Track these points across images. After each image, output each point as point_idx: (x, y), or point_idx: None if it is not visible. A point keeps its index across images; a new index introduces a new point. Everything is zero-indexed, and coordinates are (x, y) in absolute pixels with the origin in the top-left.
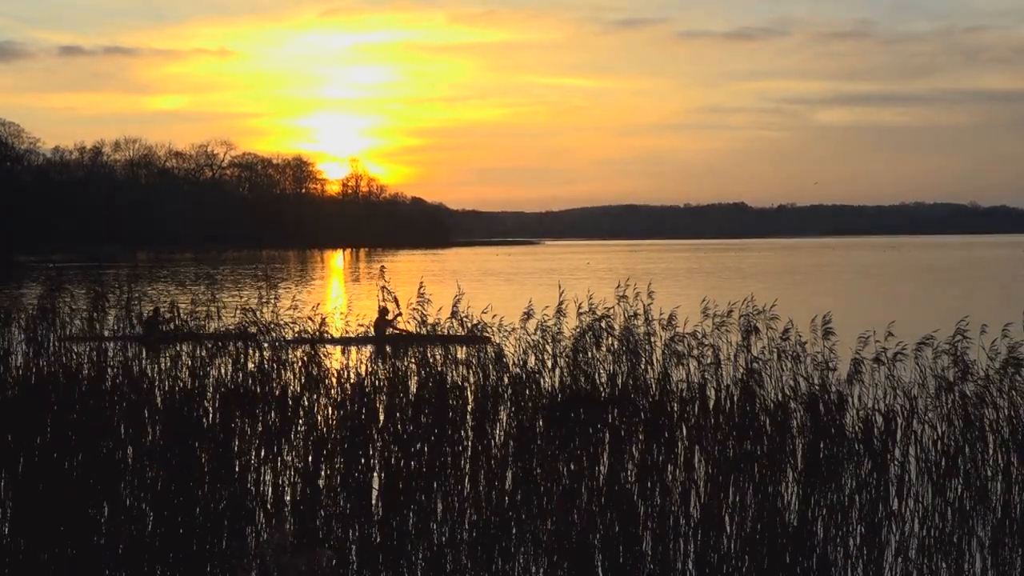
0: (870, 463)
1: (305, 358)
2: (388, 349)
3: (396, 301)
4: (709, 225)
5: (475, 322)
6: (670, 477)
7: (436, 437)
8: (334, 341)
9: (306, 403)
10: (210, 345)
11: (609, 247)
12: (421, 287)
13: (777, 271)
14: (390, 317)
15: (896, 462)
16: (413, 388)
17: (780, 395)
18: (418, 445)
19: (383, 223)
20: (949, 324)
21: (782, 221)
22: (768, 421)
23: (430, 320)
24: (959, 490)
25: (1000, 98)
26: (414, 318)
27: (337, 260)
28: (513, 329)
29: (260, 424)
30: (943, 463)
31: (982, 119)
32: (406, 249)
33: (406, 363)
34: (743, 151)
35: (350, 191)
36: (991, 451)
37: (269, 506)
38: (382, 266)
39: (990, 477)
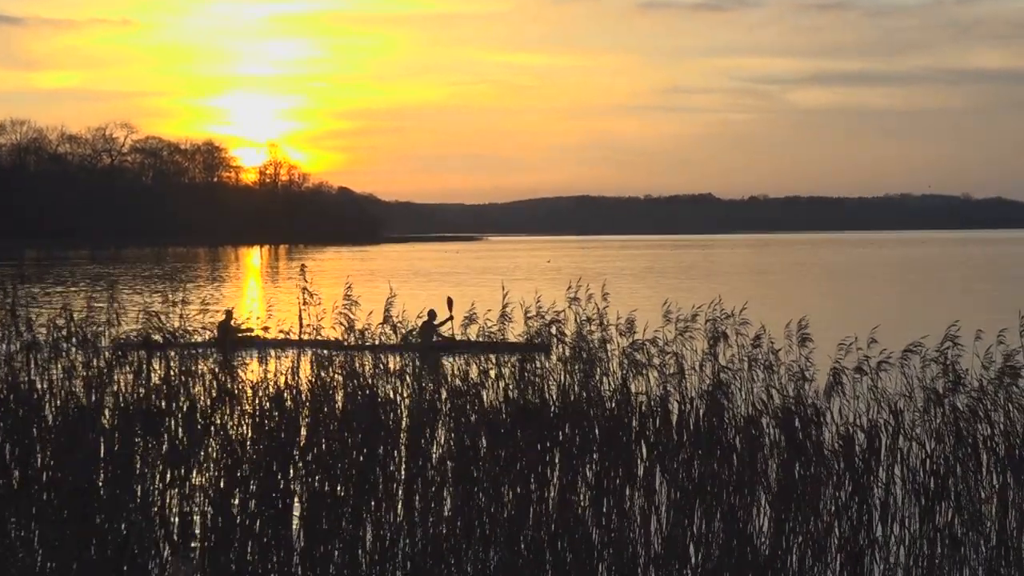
0: (851, 485)
1: (216, 368)
2: (434, 358)
3: (449, 303)
4: (672, 219)
5: (535, 328)
6: (628, 502)
7: (365, 457)
8: (372, 348)
9: (218, 419)
10: (108, 354)
11: (560, 243)
12: (348, 288)
13: (748, 270)
14: (438, 321)
15: (880, 484)
16: (340, 402)
17: (751, 409)
18: (345, 467)
19: (305, 217)
20: (939, 329)
21: (754, 214)
22: (738, 438)
23: (358, 325)
24: (950, 515)
25: (996, 78)
26: (459, 326)
27: (253, 258)
28: (453, 335)
29: (165, 443)
30: (932, 485)
31: (976, 101)
32: (332, 246)
33: (332, 374)
34: (710, 136)
35: (268, 181)
36: (985, 471)
37: (175, 536)
38: (303, 265)
39: (984, 500)
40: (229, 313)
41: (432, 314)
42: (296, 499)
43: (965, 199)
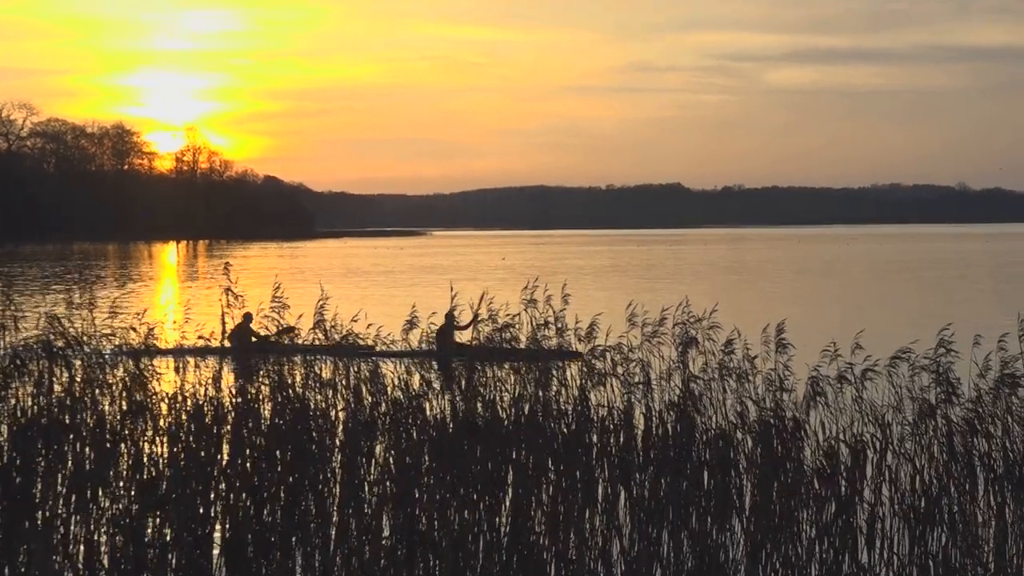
0: (834, 506)
1: (128, 379)
2: (455, 365)
3: (477, 304)
4: (637, 212)
5: (563, 335)
6: (588, 526)
7: (296, 478)
8: (384, 355)
9: (129, 436)
10: (4, 363)
11: (514, 239)
12: (276, 289)
13: (721, 268)
14: (461, 324)
15: (866, 505)
16: (267, 416)
17: (724, 423)
18: (273, 489)
19: (228, 209)
20: (931, 334)
21: (727, 207)
22: (709, 455)
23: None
24: (943, 540)
25: (997, 56)
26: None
27: (170, 255)
28: (393, 341)
29: (70, 463)
30: (923, 506)
31: (975, 82)
32: (257, 241)
33: (258, 385)
34: (679, 120)
35: (185, 169)
36: (982, 491)
37: (80, 567)
38: (227, 263)
39: (981, 523)
40: (248, 316)
41: (450, 318)
42: (218, 525)
43: (961, 190)
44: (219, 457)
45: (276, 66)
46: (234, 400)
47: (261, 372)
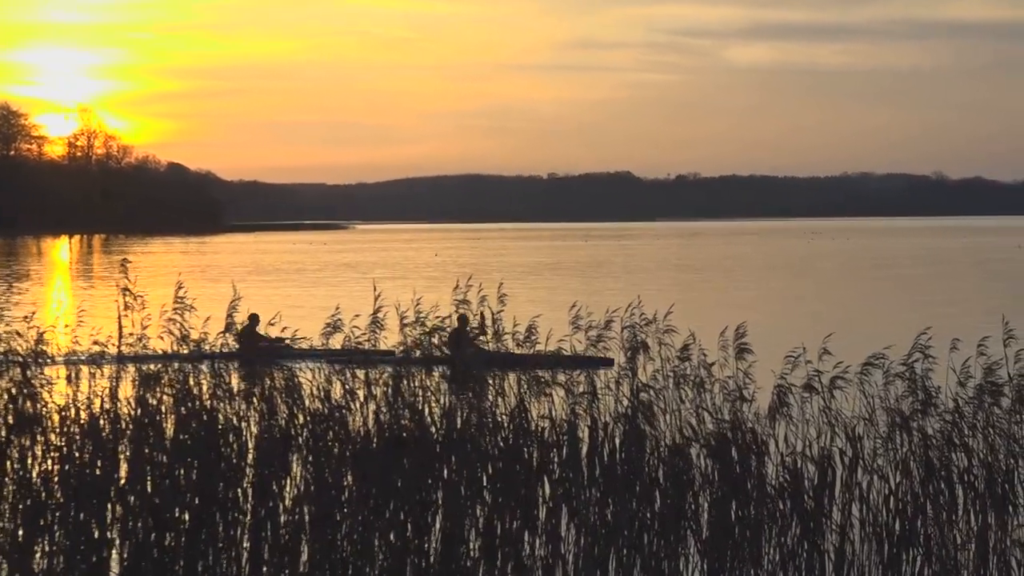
0: (799, 528)
1: (13, 389)
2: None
3: (488, 315)
4: (583, 203)
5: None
6: (528, 550)
7: (202, 499)
8: (401, 361)
9: (15, 452)
10: None
11: (445, 233)
12: (180, 289)
13: (674, 266)
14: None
15: (834, 527)
16: (170, 430)
17: (678, 436)
18: (176, 511)
19: (127, 200)
20: (906, 339)
21: (682, 198)
22: (661, 472)
23: (193, 335)
24: (918, 564)
25: (975, 32)
26: (494, 335)
27: (61, 251)
28: (311, 347)
29: None
30: (897, 527)
31: (952, 61)
32: (160, 236)
33: (160, 395)
34: (627, 102)
35: (79, 155)
36: (961, 511)
37: None
38: (124, 260)
39: (960, 546)
40: (255, 318)
41: (463, 320)
42: (115, 552)
43: (938, 179)
44: (116, 476)
45: (180, 41)
46: (134, 413)
47: (268, 379)
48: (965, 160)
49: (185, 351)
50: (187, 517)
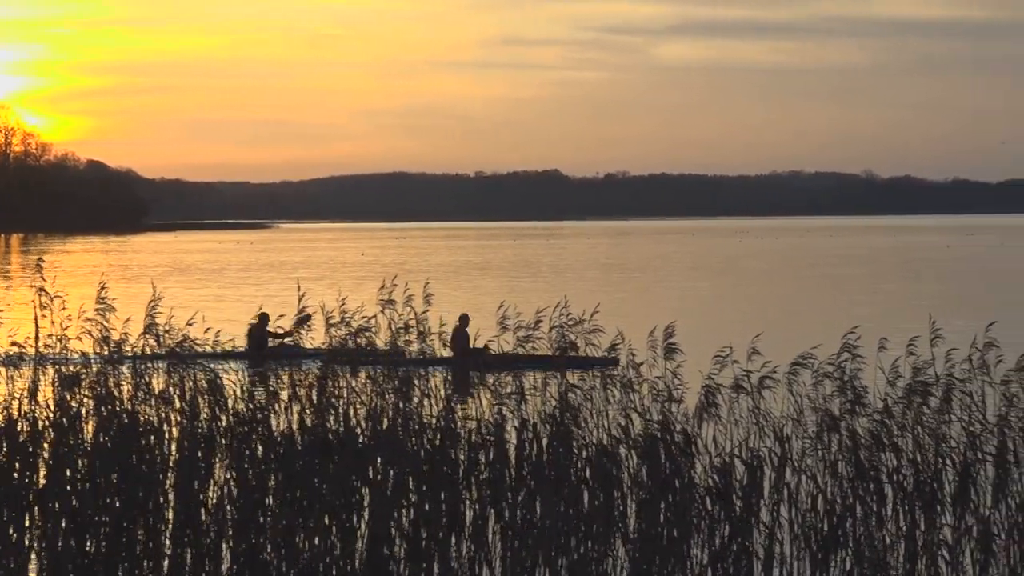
0: (728, 528)
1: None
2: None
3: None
4: (510, 202)
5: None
6: (454, 553)
7: (123, 503)
8: (405, 363)
9: None
10: None
11: (370, 232)
12: (102, 289)
13: (601, 265)
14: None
15: (763, 527)
16: (90, 433)
17: (606, 437)
18: (97, 515)
19: (46, 198)
20: (834, 338)
21: (610, 197)
22: (589, 473)
23: (114, 336)
24: (847, 564)
25: (904, 31)
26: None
27: None
28: (234, 348)
29: None
30: (826, 528)
31: (883, 59)
32: (79, 235)
33: (80, 397)
34: (555, 100)
35: None
36: (890, 511)
37: None
38: (40, 259)
39: (889, 546)
40: (263, 317)
41: (465, 319)
42: (33, 558)
43: (868, 178)
44: (34, 480)
45: (100, 36)
46: (53, 415)
47: (276, 379)
48: (895, 159)
49: (107, 351)
50: (108, 521)
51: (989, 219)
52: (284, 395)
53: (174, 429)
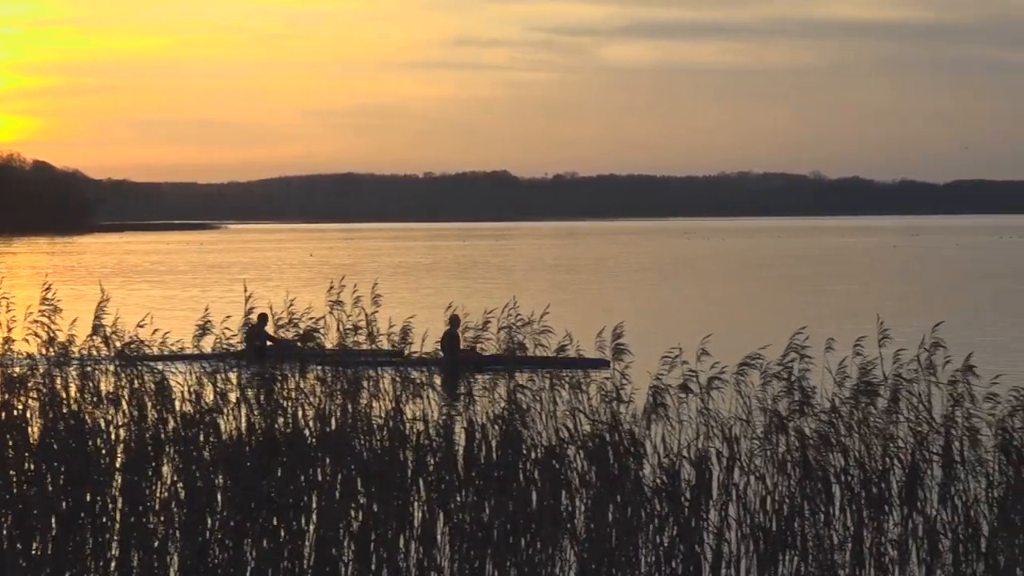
0: (676, 529)
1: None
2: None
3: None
4: (459, 203)
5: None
6: (402, 554)
7: (69, 505)
8: (396, 362)
9: None
10: None
11: (319, 233)
12: (47, 291)
13: (550, 266)
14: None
15: (711, 527)
16: (35, 433)
17: (554, 438)
18: (42, 517)
19: None
20: (782, 339)
21: (560, 198)
22: (538, 473)
23: (61, 338)
24: (795, 564)
25: (852, 32)
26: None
27: None
28: (183, 349)
29: None
30: (774, 527)
31: (831, 60)
32: (24, 236)
33: (24, 398)
34: (504, 100)
35: None
36: (838, 511)
37: None
38: None
39: (837, 546)
40: (263, 317)
41: (455, 321)
42: None
43: (816, 179)
44: None
45: (46, 36)
46: None
47: (279, 383)
48: (843, 160)
49: (54, 353)
50: (53, 524)
51: (936, 220)
52: (233, 396)
53: (121, 431)
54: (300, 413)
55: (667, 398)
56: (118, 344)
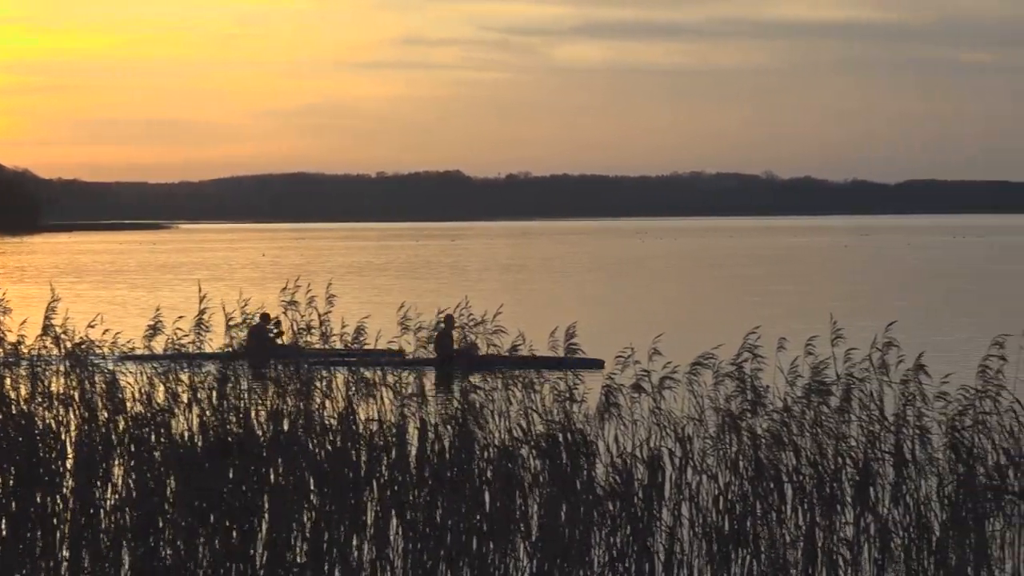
0: (629, 528)
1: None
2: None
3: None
4: (412, 203)
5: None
6: (356, 555)
7: (18, 507)
8: (398, 362)
9: None
10: None
11: (271, 233)
12: None
13: (502, 266)
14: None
15: (664, 526)
16: None
17: (507, 437)
18: None
19: None
20: (735, 338)
21: (512, 197)
22: (491, 473)
23: (10, 339)
24: (747, 562)
25: (806, 32)
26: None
27: None
28: (134, 349)
29: None
30: (727, 526)
31: (782, 60)
32: None
33: None
34: (456, 100)
35: None
36: (790, 510)
37: None
38: None
39: (788, 544)
40: (265, 317)
41: (450, 320)
42: None
43: (768, 179)
44: None
45: None
46: None
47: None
48: (795, 160)
49: (2, 353)
50: (2, 526)
51: (888, 220)
52: (185, 397)
53: (72, 432)
54: (253, 414)
55: (620, 398)
56: (68, 345)
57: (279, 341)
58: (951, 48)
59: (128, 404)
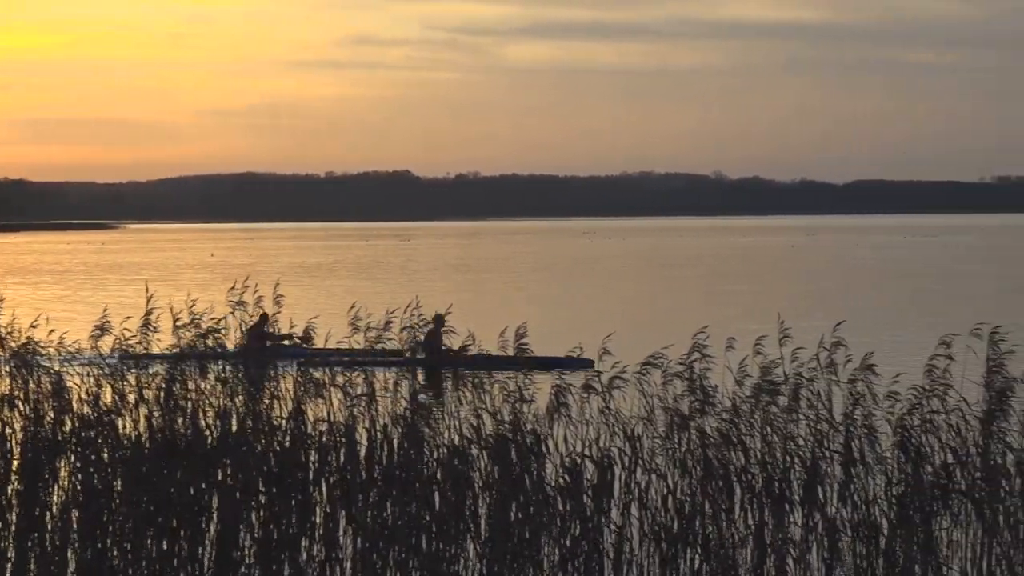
0: (578, 528)
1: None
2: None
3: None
4: (361, 203)
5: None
6: (304, 555)
7: None
8: (398, 362)
9: None
10: None
11: (219, 232)
12: None
13: (451, 266)
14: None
15: (613, 525)
16: None
17: (456, 437)
18: None
19: None
20: (683, 338)
21: (462, 198)
22: (440, 473)
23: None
24: (696, 563)
25: (755, 32)
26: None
27: None
28: (79, 350)
29: None
30: (676, 526)
31: (731, 61)
32: None
33: None
34: (405, 100)
35: None
36: (739, 509)
37: None
38: None
39: (738, 544)
40: (264, 317)
41: (439, 320)
42: None
43: (717, 179)
44: None
45: None
46: None
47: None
48: (744, 160)
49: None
50: None
51: (836, 220)
52: (132, 398)
53: (17, 433)
54: (201, 414)
55: (569, 397)
56: (13, 345)
57: (286, 342)
58: (899, 48)
59: (74, 405)
